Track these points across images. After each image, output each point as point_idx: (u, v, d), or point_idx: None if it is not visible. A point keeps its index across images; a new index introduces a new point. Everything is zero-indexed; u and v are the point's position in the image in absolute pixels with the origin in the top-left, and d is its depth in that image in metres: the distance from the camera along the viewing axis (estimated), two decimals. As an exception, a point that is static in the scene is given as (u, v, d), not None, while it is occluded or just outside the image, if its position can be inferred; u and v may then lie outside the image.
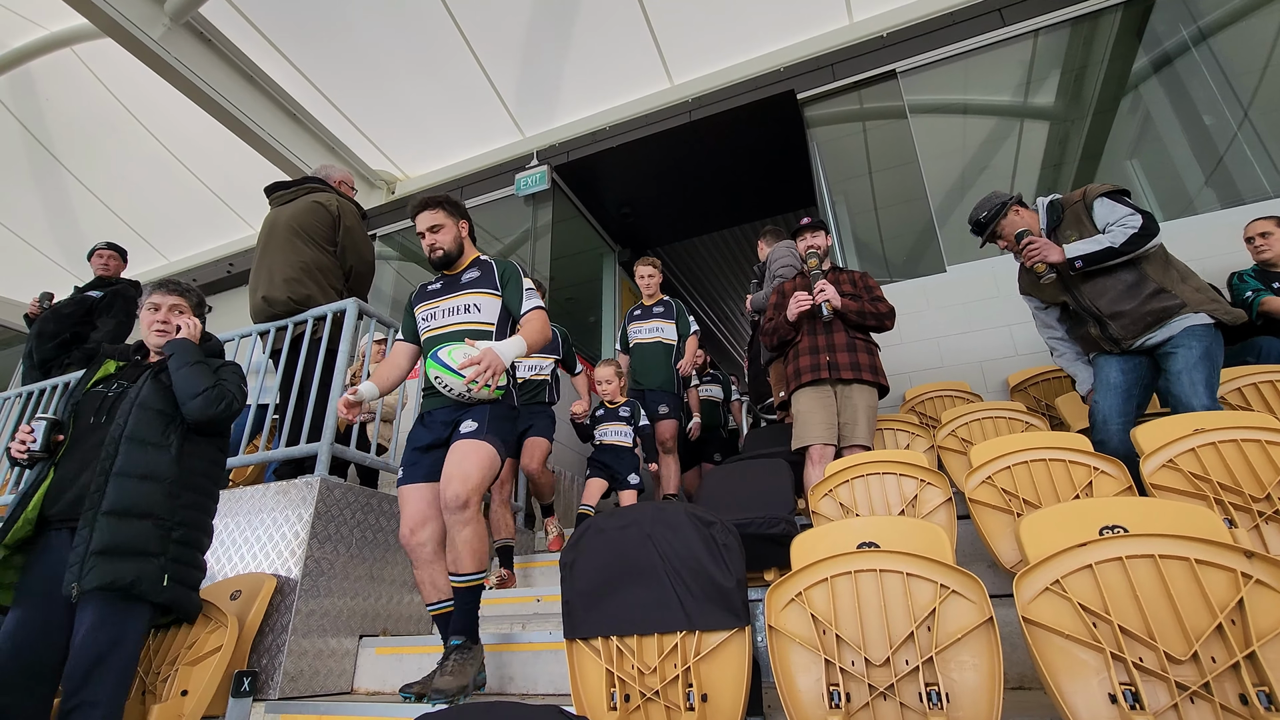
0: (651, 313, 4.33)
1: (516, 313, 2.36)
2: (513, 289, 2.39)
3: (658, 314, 4.32)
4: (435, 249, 2.41)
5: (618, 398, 3.81)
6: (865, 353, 2.99)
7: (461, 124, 6.52)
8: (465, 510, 2.04)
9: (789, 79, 5.56)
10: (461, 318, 2.34)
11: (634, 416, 3.77)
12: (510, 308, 2.38)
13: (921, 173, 4.91)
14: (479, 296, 2.37)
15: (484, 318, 2.35)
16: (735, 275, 9.97)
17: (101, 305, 4.16)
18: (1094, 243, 2.45)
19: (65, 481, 1.96)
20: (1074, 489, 2.07)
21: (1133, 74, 4.63)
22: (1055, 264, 2.52)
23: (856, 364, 2.92)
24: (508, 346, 2.18)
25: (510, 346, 2.18)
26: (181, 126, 6.44)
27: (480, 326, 2.33)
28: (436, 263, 2.43)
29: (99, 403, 2.09)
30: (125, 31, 4.77)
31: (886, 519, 1.94)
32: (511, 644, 2.32)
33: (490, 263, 2.46)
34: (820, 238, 3.26)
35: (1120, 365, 2.52)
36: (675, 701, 1.52)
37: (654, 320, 4.31)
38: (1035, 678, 1.74)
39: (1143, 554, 1.34)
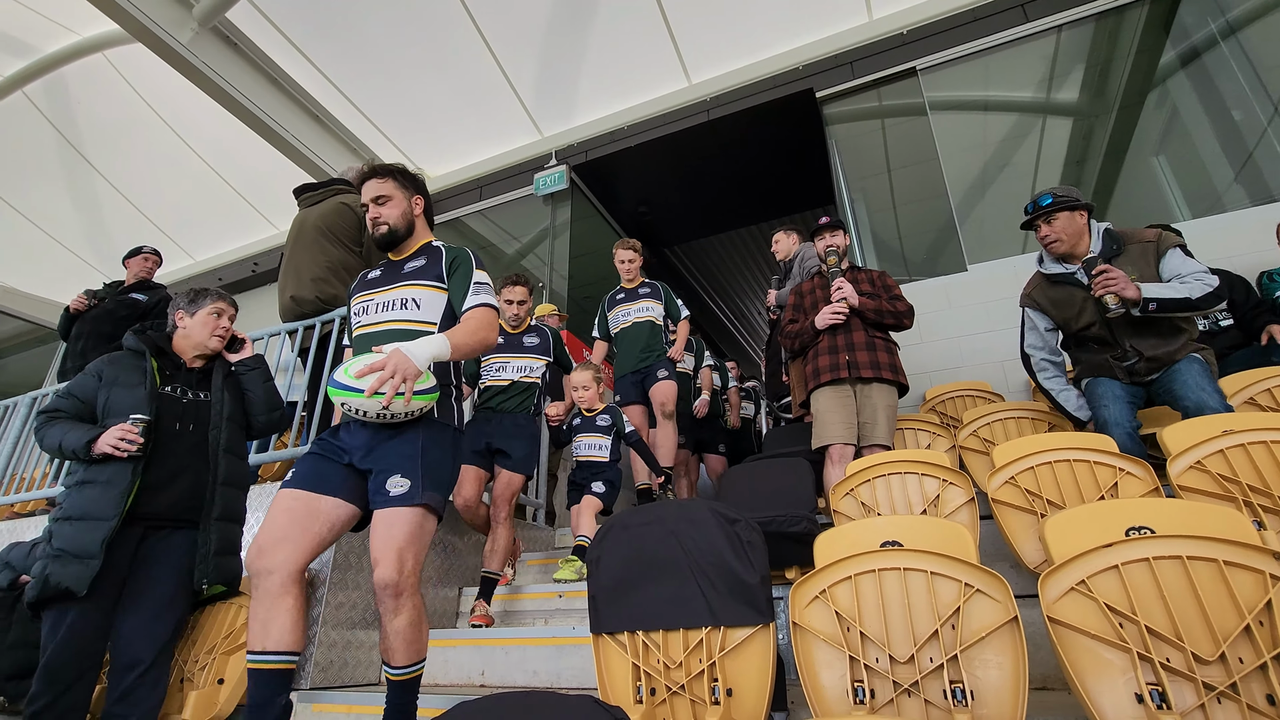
0: (638, 294, 4.13)
1: (459, 310, 1.91)
2: (459, 280, 1.93)
3: (645, 294, 4.12)
4: (378, 224, 1.97)
5: (596, 404, 3.39)
6: (885, 351, 2.99)
7: (480, 124, 6.59)
8: (400, 598, 1.64)
9: (807, 77, 5.55)
10: (396, 314, 1.90)
11: (615, 425, 3.34)
12: (453, 304, 1.93)
13: (942, 170, 4.88)
14: (419, 289, 1.93)
15: (422, 315, 1.89)
16: (752, 274, 9.96)
17: (153, 309, 4.25)
18: (1172, 290, 2.36)
19: (159, 484, 2.08)
20: (1099, 490, 2.07)
21: (1159, 68, 4.57)
22: (1127, 300, 2.38)
23: (876, 363, 2.92)
24: (422, 346, 1.69)
25: (425, 347, 1.69)
26: (207, 129, 6.57)
27: (416, 326, 1.87)
28: (379, 242, 2.00)
29: (176, 408, 2.21)
30: (154, 36, 4.87)
31: (909, 518, 1.95)
32: (536, 639, 2.36)
33: (440, 249, 2.02)
34: (839, 237, 3.26)
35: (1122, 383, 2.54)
36: (700, 696, 1.55)
37: (642, 301, 4.10)
38: (1060, 678, 1.74)
39: (1170, 555, 1.34)
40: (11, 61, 6.21)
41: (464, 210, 6.95)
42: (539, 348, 3.41)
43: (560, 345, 3.58)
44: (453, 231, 7.02)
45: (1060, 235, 2.61)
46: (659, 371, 3.87)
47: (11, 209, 7.50)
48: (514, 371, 3.32)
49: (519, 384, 3.29)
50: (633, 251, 4.16)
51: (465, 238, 7.01)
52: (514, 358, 3.34)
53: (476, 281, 1.93)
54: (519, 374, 3.32)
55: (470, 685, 2.42)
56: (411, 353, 1.66)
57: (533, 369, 3.36)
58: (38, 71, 6.19)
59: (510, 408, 3.24)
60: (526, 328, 3.45)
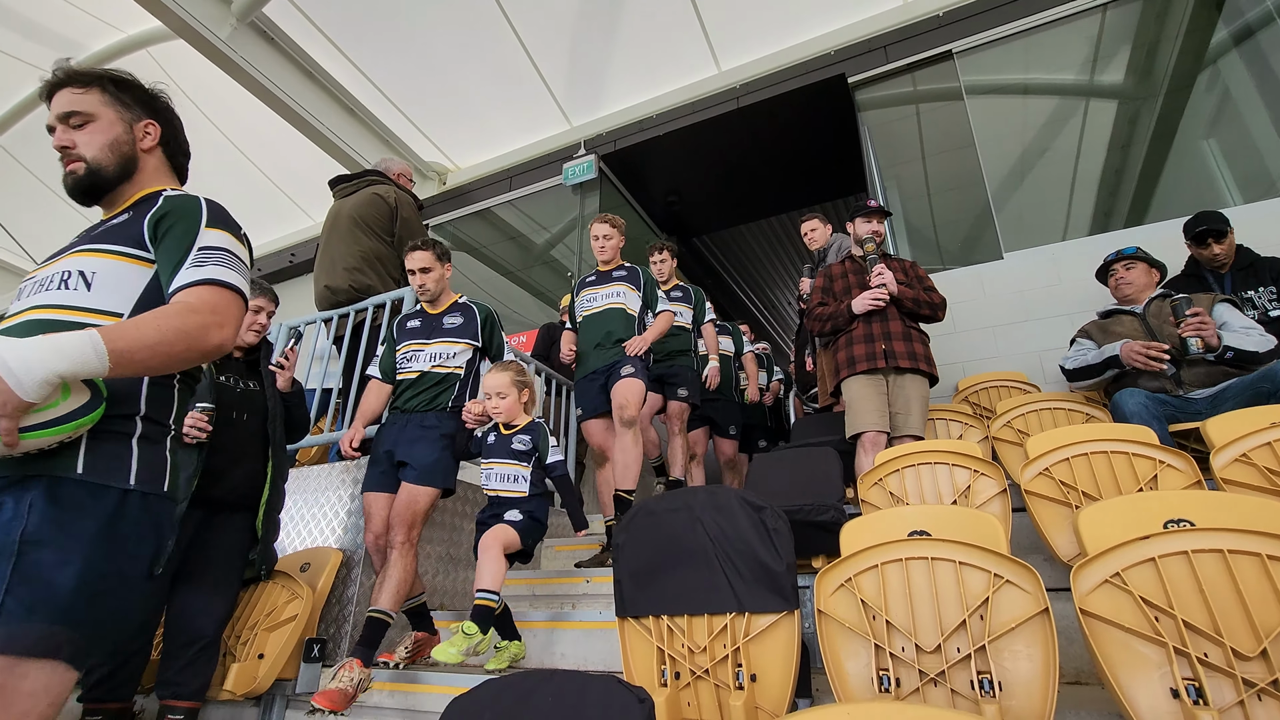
0: (611, 276, 3.42)
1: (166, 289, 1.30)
2: (172, 242, 1.28)
3: (619, 277, 3.41)
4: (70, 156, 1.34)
5: (518, 418, 2.51)
6: (919, 342, 3.00)
7: (510, 114, 6.62)
8: None
9: (839, 62, 5.45)
10: (48, 296, 1.21)
11: (538, 448, 2.48)
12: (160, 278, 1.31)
13: (978, 156, 4.75)
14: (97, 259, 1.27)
15: (92, 300, 1.22)
16: (782, 263, 9.86)
17: None
18: (1247, 342, 2.53)
19: (219, 470, 2.18)
20: (1137, 482, 2.01)
21: (1210, 48, 4.38)
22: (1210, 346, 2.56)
23: (913, 353, 2.91)
24: (33, 349, 0.98)
25: (38, 351, 0.99)
26: (246, 123, 6.72)
27: (73, 316, 1.18)
28: (68, 186, 1.37)
29: (232, 396, 2.31)
30: (195, 32, 5.00)
31: (938, 508, 1.92)
32: (563, 622, 2.39)
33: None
34: (883, 224, 3.26)
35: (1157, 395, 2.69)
36: (725, 680, 1.56)
37: (615, 284, 3.39)
38: (1092, 673, 1.71)
39: (1210, 548, 1.30)
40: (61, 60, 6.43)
41: (494, 200, 7.01)
42: (461, 329, 2.73)
43: (494, 329, 2.83)
44: (483, 222, 7.09)
45: (1134, 282, 2.96)
46: (623, 368, 3.10)
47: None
48: (425, 360, 2.67)
49: (430, 375, 2.65)
50: (608, 226, 3.47)
51: (496, 228, 7.07)
52: (427, 344, 2.70)
53: (204, 246, 1.26)
54: (430, 363, 2.67)
55: (499, 666, 2.47)
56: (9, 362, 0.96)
57: (450, 356, 2.70)
58: (86, 69, 6.40)
59: (416, 406, 2.60)
60: (451, 305, 2.81)
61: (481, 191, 7.10)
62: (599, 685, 1.05)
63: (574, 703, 1.05)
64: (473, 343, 2.73)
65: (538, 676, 1.13)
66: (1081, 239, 4.26)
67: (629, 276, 3.43)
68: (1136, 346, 2.64)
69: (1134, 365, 2.65)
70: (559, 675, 1.12)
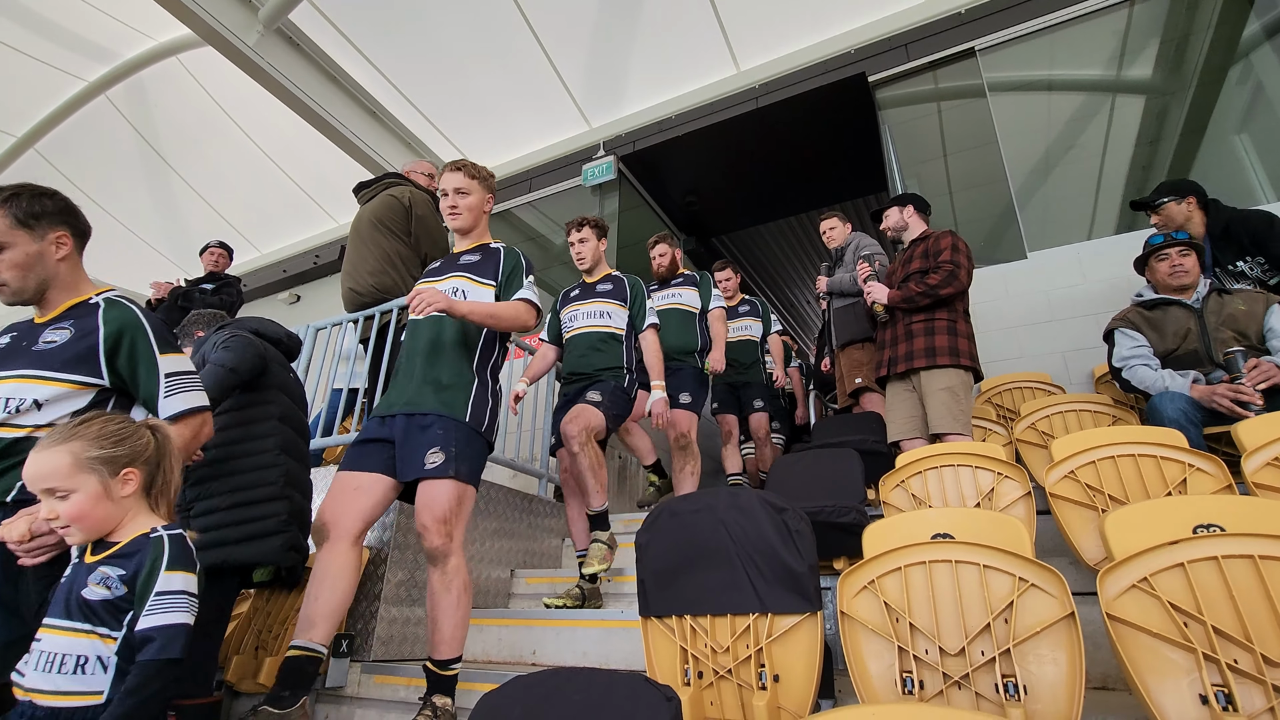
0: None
1: None
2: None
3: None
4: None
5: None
6: (938, 334, 2.89)
7: (530, 116, 6.67)
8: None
9: (859, 61, 5.42)
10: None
11: None
12: None
13: (1001, 154, 4.70)
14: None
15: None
16: (801, 263, 9.81)
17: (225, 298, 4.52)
18: None
19: None
20: (1165, 486, 1.99)
21: (1242, 41, 4.29)
22: None
23: (923, 350, 2.86)
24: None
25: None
26: (273, 127, 6.86)
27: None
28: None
29: None
30: (223, 39, 5.10)
31: (962, 510, 1.92)
32: (585, 620, 2.42)
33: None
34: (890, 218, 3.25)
35: None
36: (748, 681, 1.57)
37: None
38: (1120, 678, 1.70)
39: (1241, 554, 1.29)
40: (95, 67, 6.61)
41: (514, 202, 7.07)
42: None
43: None
44: (503, 223, 7.15)
45: (1190, 270, 2.72)
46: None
47: (99, 207, 8.00)
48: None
49: None
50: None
51: (515, 229, 7.13)
52: None
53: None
54: None
55: (522, 663, 2.51)
56: None
57: None
58: (118, 76, 6.57)
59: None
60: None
61: (502, 193, 7.17)
62: (626, 682, 1.07)
63: (601, 699, 1.07)
64: None
65: (565, 674, 1.15)
66: (1108, 238, 4.20)
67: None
68: (1223, 391, 2.35)
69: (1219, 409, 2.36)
70: (586, 673, 1.14)
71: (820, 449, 2.97)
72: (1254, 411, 2.24)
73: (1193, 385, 2.46)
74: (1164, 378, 2.54)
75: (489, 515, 3.13)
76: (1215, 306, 2.62)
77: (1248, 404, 2.28)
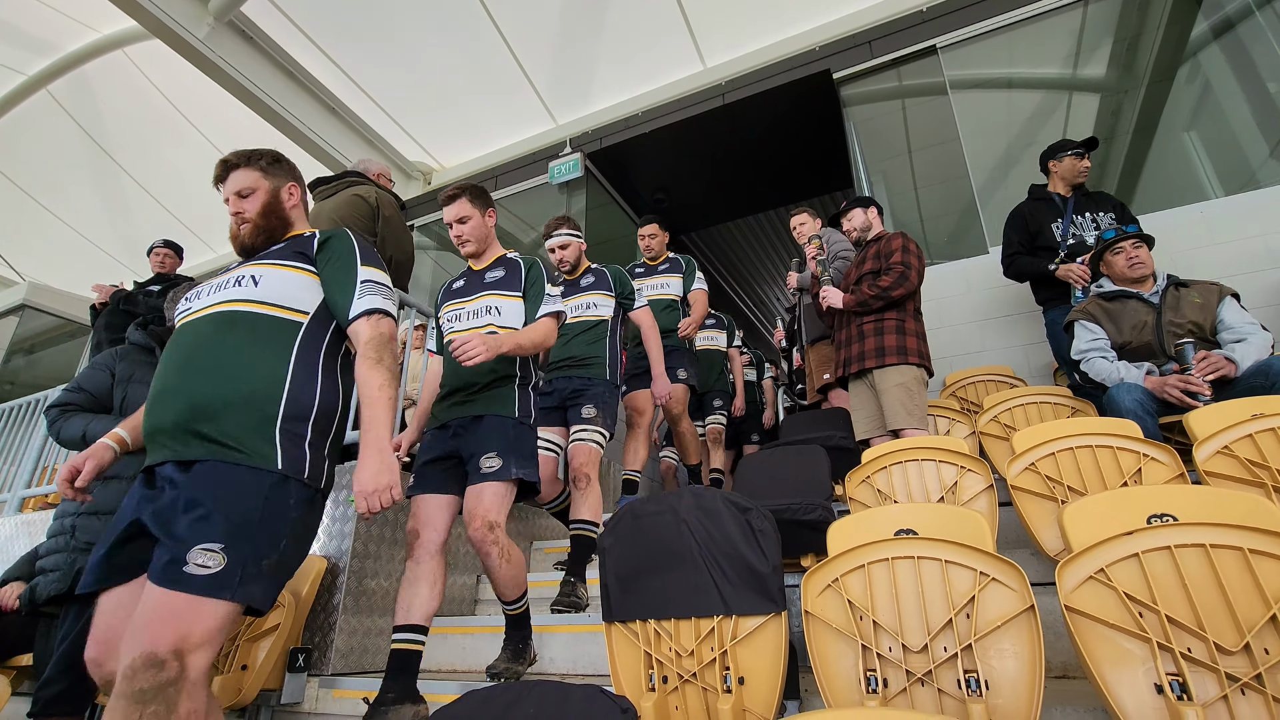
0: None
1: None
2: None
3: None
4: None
5: None
6: (888, 334, 2.92)
7: (495, 113, 6.58)
8: None
9: (825, 58, 5.45)
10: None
11: None
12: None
13: (963, 151, 4.77)
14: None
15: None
16: (771, 260, 9.87)
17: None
18: (1253, 349, 2.42)
19: None
20: (1122, 476, 2.02)
21: (1191, 41, 4.41)
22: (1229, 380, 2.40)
23: (876, 350, 2.90)
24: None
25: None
26: (227, 123, 6.64)
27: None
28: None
29: None
30: (171, 32, 4.92)
31: (925, 506, 1.92)
32: (552, 626, 2.38)
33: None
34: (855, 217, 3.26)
35: None
36: (713, 684, 1.55)
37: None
38: (1080, 667, 1.72)
39: (1192, 543, 1.30)
40: (35, 60, 6.33)
41: (480, 200, 6.96)
42: None
43: None
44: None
45: (1146, 262, 2.77)
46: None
47: (41, 207, 7.68)
48: None
49: None
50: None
51: (481, 227, 7.03)
52: None
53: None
54: None
55: (488, 671, 2.45)
56: None
57: None
58: (60, 70, 6.31)
59: None
60: None
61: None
62: (581, 695, 1.04)
63: (555, 713, 1.03)
64: None
65: (520, 687, 1.11)
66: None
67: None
68: (1174, 382, 2.40)
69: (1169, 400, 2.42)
70: (541, 686, 1.10)
71: (787, 445, 2.97)
72: (1203, 402, 2.30)
73: (1146, 376, 2.52)
74: (1119, 369, 2.59)
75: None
76: (1172, 301, 2.67)
77: (1197, 394, 2.34)
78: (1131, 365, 2.60)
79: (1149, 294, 2.72)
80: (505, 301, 2.23)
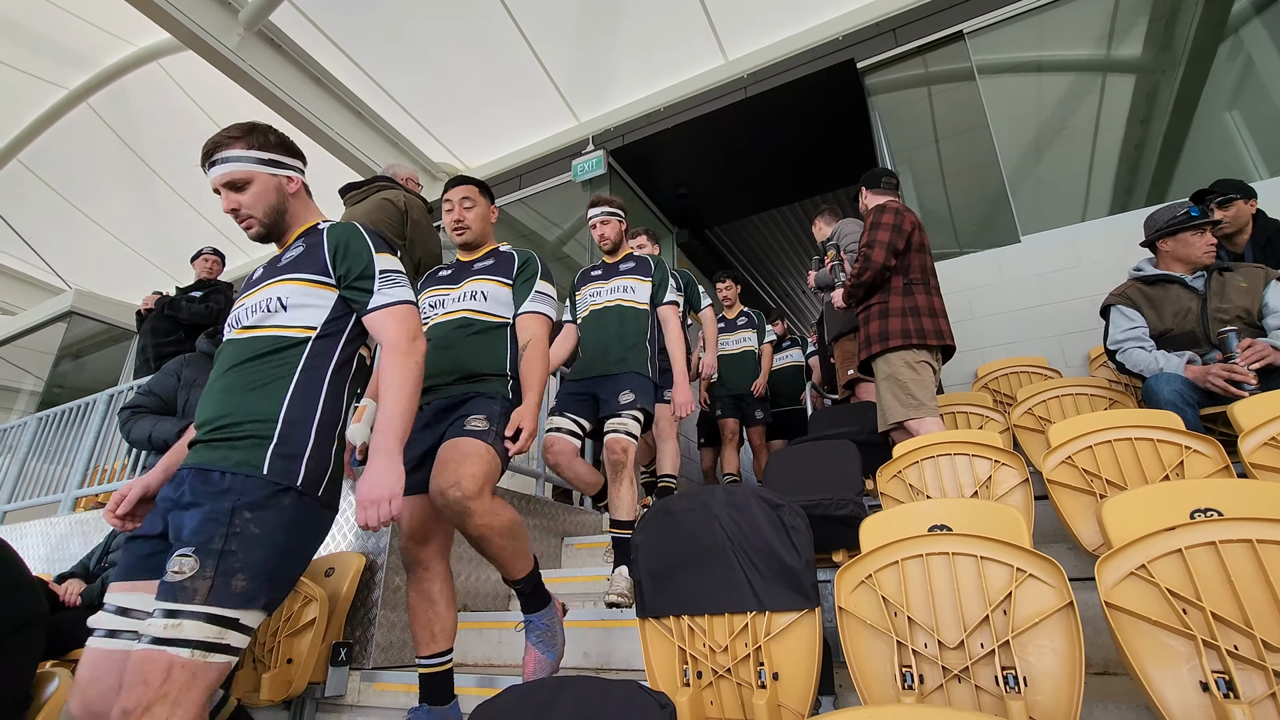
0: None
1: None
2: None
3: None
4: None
5: None
6: (872, 321, 2.87)
7: (517, 113, 6.62)
8: None
9: (848, 47, 5.38)
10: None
11: None
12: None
13: (992, 137, 4.68)
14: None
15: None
16: (796, 252, 9.79)
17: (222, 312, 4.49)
18: None
19: None
20: (1163, 469, 1.98)
21: (1231, 17, 4.26)
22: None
23: (865, 340, 2.88)
24: None
25: None
26: (258, 130, 6.80)
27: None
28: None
29: None
30: (204, 42, 5.05)
31: (958, 501, 1.91)
32: (586, 621, 2.41)
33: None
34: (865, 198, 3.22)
35: None
36: (747, 679, 1.56)
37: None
38: (1121, 663, 1.69)
39: (1238, 538, 1.28)
40: (75, 75, 6.54)
41: (505, 200, 7.03)
42: None
43: None
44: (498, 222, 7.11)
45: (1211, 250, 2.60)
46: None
47: (85, 217, 7.94)
48: None
49: None
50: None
51: (508, 226, 7.09)
52: None
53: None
54: None
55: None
56: None
57: None
58: (99, 83, 6.51)
59: None
60: None
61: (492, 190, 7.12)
62: (620, 691, 1.06)
63: (595, 708, 1.06)
64: None
65: (559, 682, 1.14)
66: (1101, 219, 4.18)
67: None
68: (1217, 371, 2.30)
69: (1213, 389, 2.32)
70: (581, 681, 1.12)
71: (817, 441, 2.96)
72: (1248, 391, 2.22)
73: (1187, 366, 2.43)
74: (1158, 359, 2.50)
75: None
76: (1218, 286, 2.56)
77: (1242, 383, 2.25)
78: (1171, 355, 2.51)
79: (1191, 279, 2.61)
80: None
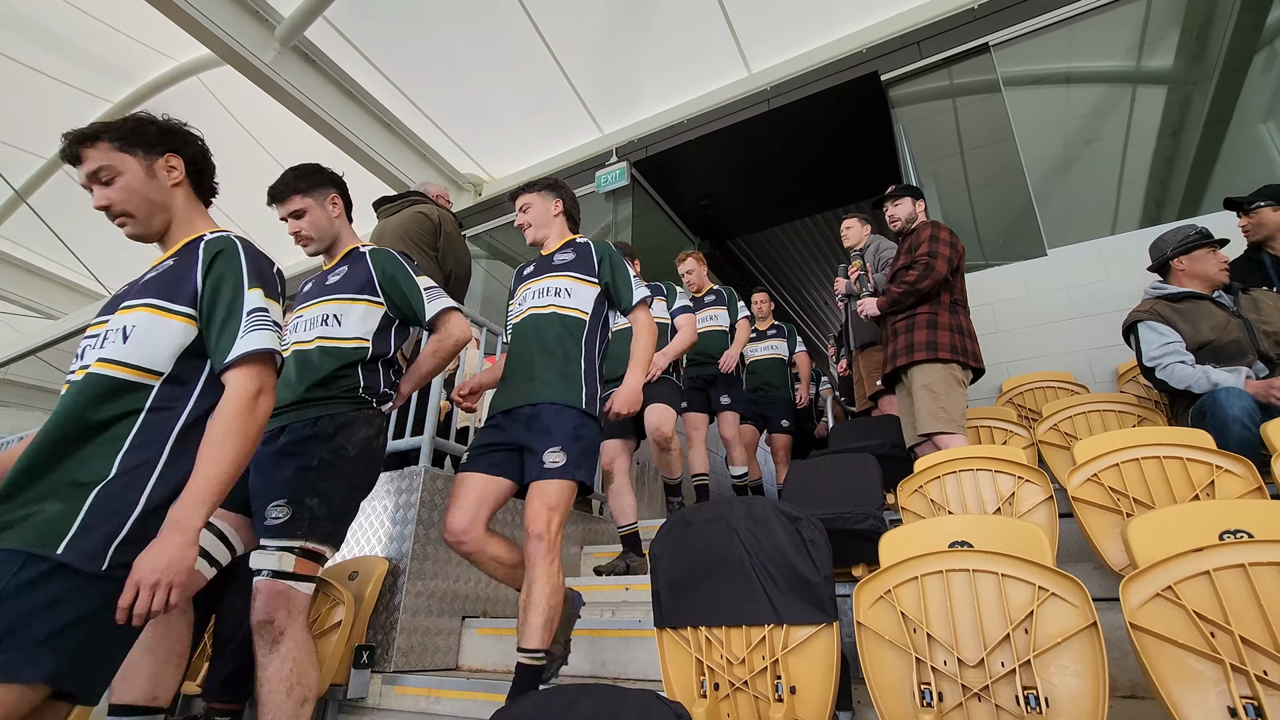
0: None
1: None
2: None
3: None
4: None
5: None
6: (918, 329, 2.84)
7: (542, 124, 6.71)
8: None
9: (872, 60, 5.38)
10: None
11: None
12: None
13: (1018, 150, 4.63)
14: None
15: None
16: (818, 263, 9.74)
17: None
18: None
19: None
20: (1192, 489, 1.94)
21: (1267, 26, 4.18)
22: None
23: (906, 347, 2.85)
24: None
25: None
26: (294, 144, 6.96)
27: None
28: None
29: None
30: (241, 58, 5.21)
31: (980, 517, 1.89)
32: (604, 629, 2.42)
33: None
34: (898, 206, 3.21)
35: None
36: (764, 692, 1.56)
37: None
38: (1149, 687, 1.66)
39: (1269, 561, 1.25)
40: (119, 88, 6.77)
41: (528, 210, 7.11)
42: None
43: None
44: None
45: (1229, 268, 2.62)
46: None
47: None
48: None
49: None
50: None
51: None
52: None
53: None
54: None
55: (541, 673, 2.51)
56: None
57: None
58: (141, 97, 6.73)
59: None
60: None
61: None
62: (637, 700, 1.07)
63: (612, 716, 1.07)
64: None
65: (578, 690, 1.15)
66: (1131, 232, 4.11)
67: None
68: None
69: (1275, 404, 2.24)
70: (599, 688, 1.14)
71: (838, 454, 2.95)
72: None
73: (1247, 381, 2.34)
74: (1209, 374, 2.39)
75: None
76: (1249, 304, 2.56)
77: None
78: (1222, 370, 2.39)
79: (1218, 296, 2.60)
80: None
